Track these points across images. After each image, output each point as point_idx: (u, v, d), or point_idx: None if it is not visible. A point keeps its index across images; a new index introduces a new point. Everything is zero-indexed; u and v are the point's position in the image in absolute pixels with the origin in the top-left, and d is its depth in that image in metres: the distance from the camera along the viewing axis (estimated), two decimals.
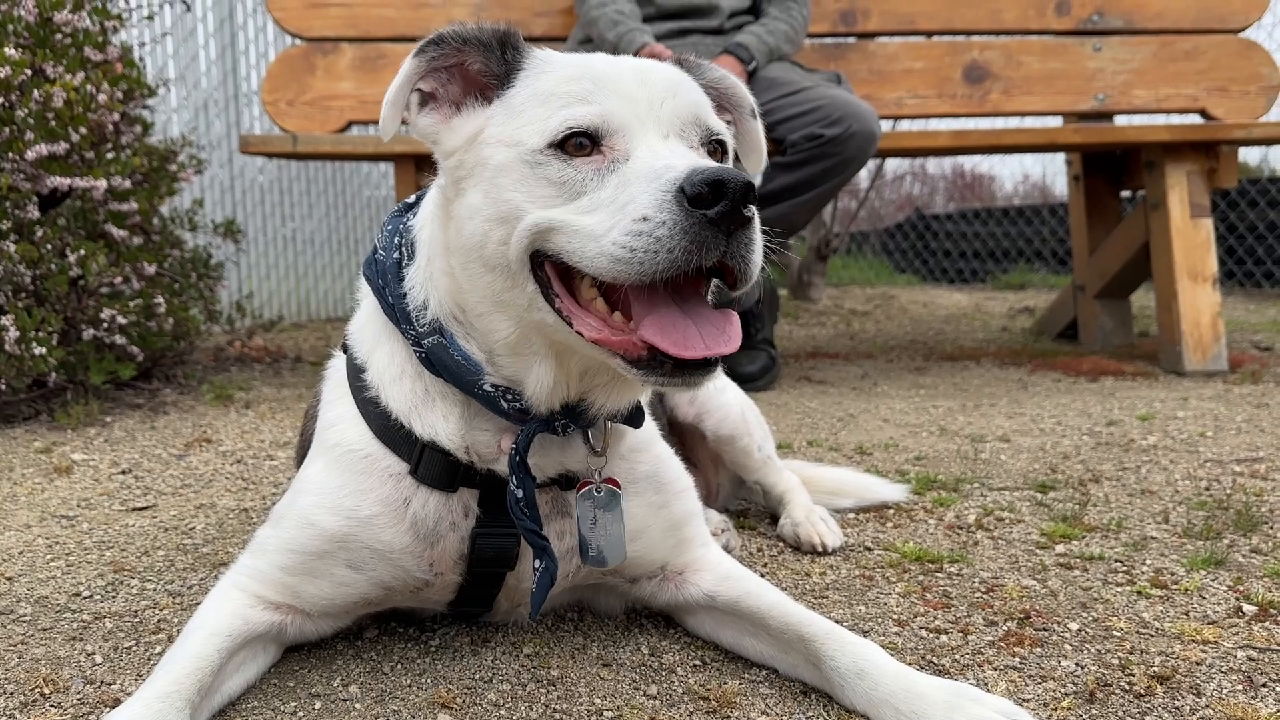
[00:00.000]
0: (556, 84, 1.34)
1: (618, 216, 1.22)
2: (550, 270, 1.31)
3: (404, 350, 1.46)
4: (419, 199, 1.56)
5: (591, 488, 1.46)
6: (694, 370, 1.22)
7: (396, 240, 1.51)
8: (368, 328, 1.53)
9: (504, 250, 1.31)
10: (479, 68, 1.40)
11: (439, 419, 1.43)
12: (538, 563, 1.41)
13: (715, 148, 1.40)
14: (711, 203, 1.17)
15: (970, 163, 13.23)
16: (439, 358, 1.41)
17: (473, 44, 1.40)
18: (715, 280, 1.29)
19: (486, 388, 1.39)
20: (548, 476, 1.46)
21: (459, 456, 1.42)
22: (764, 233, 1.27)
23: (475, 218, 1.34)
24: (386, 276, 1.48)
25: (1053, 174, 12.34)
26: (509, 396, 1.39)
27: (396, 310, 1.45)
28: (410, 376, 1.45)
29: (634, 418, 1.50)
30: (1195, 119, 4.92)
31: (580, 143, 1.29)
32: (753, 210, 1.21)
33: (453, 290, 1.40)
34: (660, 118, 1.32)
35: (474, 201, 1.35)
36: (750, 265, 1.23)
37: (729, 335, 1.24)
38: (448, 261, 1.40)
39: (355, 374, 1.51)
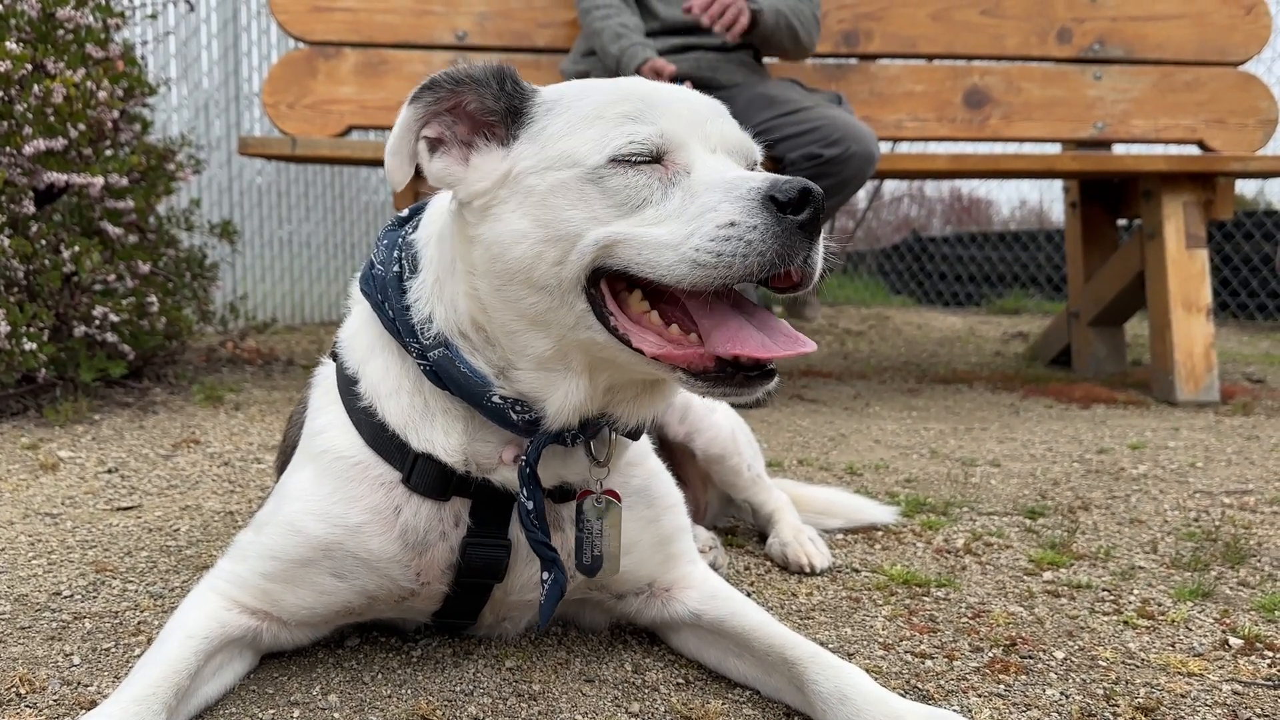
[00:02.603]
0: (600, 107, 1.33)
1: (696, 223, 1.24)
2: (605, 288, 1.31)
3: (400, 363, 1.45)
4: (413, 213, 1.55)
5: (593, 497, 1.45)
6: (758, 379, 1.26)
7: (396, 254, 1.49)
8: (359, 338, 1.51)
9: (558, 270, 1.30)
10: (475, 106, 1.38)
11: (439, 433, 1.42)
12: (546, 575, 1.41)
13: (753, 167, 1.42)
14: (799, 209, 1.21)
15: (968, 186, 13.30)
16: (445, 371, 1.39)
17: (467, 84, 1.38)
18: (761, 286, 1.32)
19: (495, 399, 1.38)
20: (546, 488, 1.45)
21: (456, 467, 1.42)
22: None
23: (523, 242, 1.32)
24: (387, 290, 1.45)
25: (1050, 200, 12.40)
26: (518, 409, 1.38)
27: (398, 323, 1.43)
28: (408, 390, 1.44)
29: (636, 430, 1.50)
30: (1193, 150, 4.94)
31: (641, 158, 1.30)
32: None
33: (474, 311, 1.39)
34: (707, 134, 1.35)
35: (518, 226, 1.32)
36: (816, 271, 1.28)
37: (799, 338, 1.28)
38: (471, 284, 1.38)
39: (347, 385, 1.49)
